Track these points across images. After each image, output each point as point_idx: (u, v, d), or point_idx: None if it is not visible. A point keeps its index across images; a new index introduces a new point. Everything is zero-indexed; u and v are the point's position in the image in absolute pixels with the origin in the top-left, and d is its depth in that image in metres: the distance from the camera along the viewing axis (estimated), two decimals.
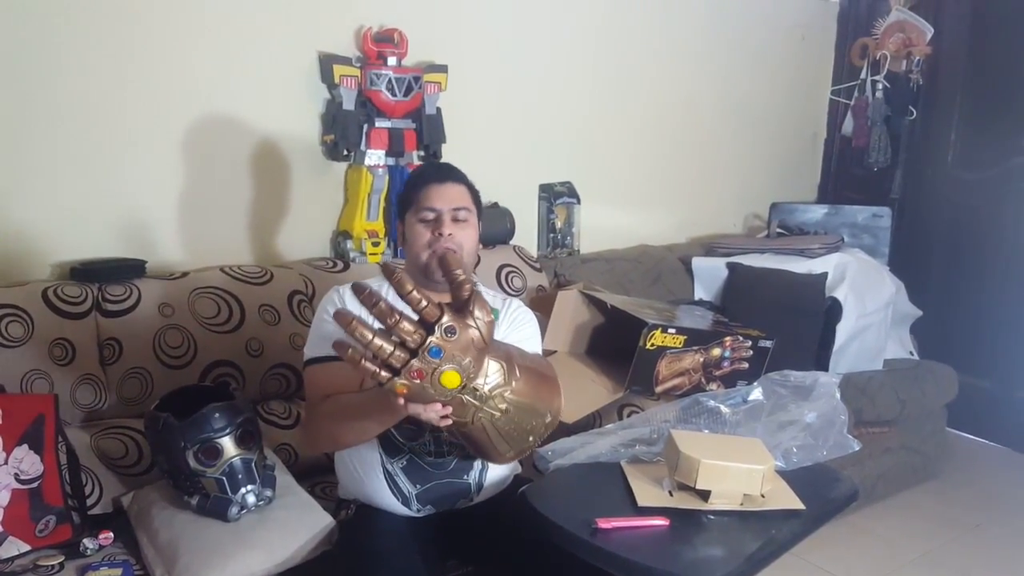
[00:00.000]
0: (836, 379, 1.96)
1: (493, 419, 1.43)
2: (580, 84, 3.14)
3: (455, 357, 1.31)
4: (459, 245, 1.74)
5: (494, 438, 1.47)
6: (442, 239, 1.73)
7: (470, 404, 1.39)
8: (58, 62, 2.10)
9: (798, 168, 4.05)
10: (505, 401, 1.42)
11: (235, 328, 2.19)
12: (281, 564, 1.72)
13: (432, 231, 1.74)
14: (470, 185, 1.84)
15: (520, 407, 1.45)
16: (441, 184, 1.78)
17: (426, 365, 1.29)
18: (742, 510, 1.61)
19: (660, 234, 3.45)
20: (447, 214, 1.75)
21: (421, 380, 1.30)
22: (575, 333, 2.61)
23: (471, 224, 1.79)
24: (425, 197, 1.76)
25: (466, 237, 1.76)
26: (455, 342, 1.30)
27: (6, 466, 1.75)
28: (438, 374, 1.31)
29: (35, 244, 2.13)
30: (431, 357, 1.29)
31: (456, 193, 1.78)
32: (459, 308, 1.33)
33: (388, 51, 2.50)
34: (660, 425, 1.94)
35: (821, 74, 4.01)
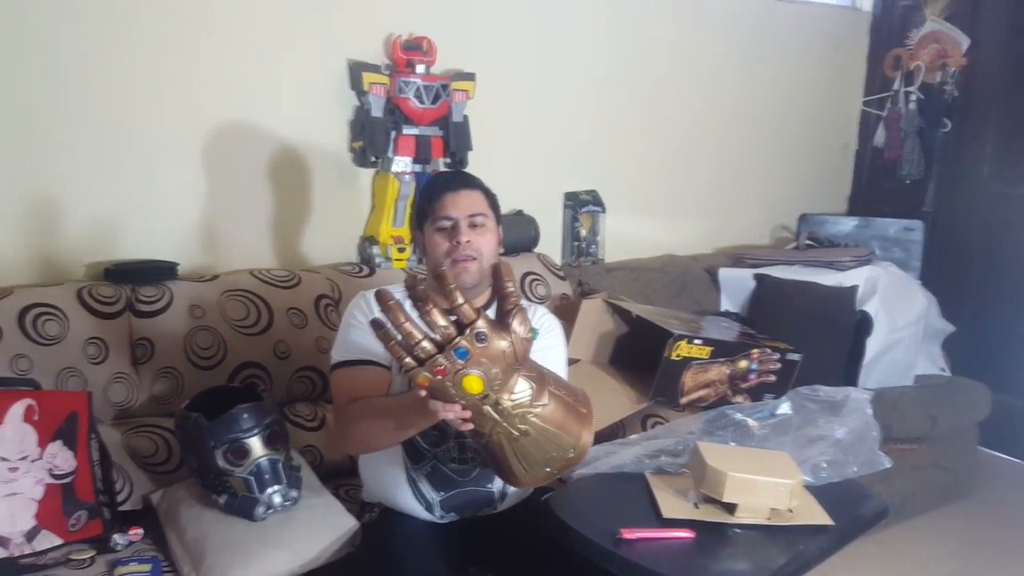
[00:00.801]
0: (868, 395, 1.95)
1: (511, 437, 1.40)
2: (607, 92, 3.14)
3: (482, 364, 1.30)
4: (478, 251, 1.74)
5: (510, 457, 1.45)
6: (460, 247, 1.73)
7: (489, 416, 1.37)
8: (96, 69, 2.14)
9: (828, 179, 4.01)
10: (527, 423, 1.39)
11: (263, 330, 2.21)
12: (305, 564, 1.74)
13: (450, 240, 1.74)
14: (486, 190, 1.83)
15: (542, 433, 1.42)
16: (456, 192, 1.77)
17: (450, 364, 1.29)
18: (769, 524, 1.60)
19: (686, 244, 3.43)
20: (464, 221, 1.74)
21: (443, 377, 1.30)
22: (599, 342, 2.61)
23: (489, 229, 1.78)
24: (440, 206, 1.76)
25: (484, 243, 1.76)
26: (484, 349, 1.30)
27: (41, 461, 1.78)
28: (460, 376, 1.30)
29: (71, 245, 2.17)
30: (456, 357, 1.29)
31: (471, 200, 1.77)
32: (500, 319, 1.33)
33: (417, 59, 2.52)
34: (685, 437, 1.93)
35: (852, 85, 3.97)
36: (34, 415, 1.78)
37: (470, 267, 1.73)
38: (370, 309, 1.76)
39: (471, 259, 1.73)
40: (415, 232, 1.87)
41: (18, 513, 1.73)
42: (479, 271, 1.74)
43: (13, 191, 2.08)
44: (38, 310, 1.96)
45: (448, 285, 1.30)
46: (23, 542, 1.73)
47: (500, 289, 1.35)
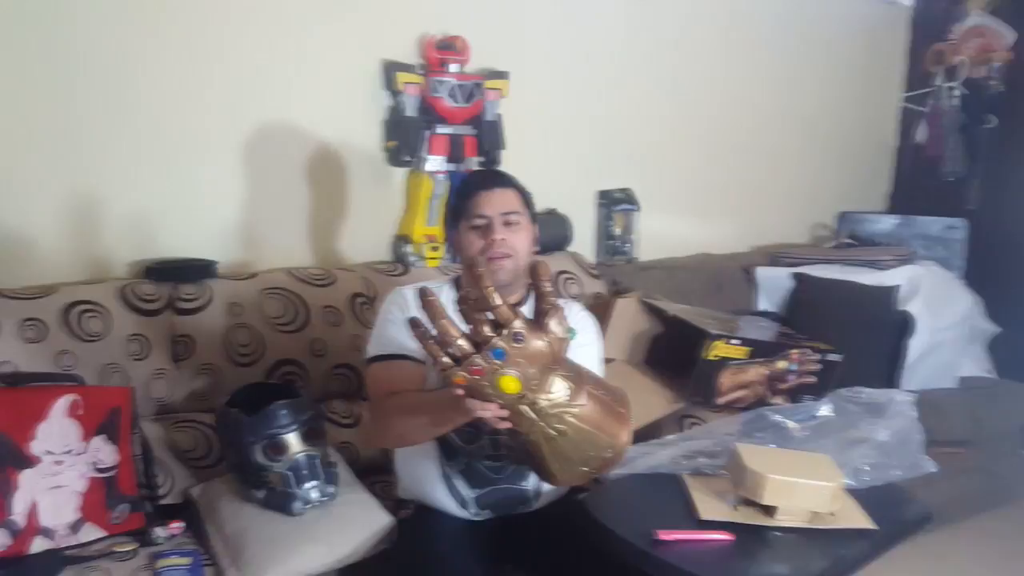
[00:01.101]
0: (912, 397, 1.91)
1: (548, 437, 1.40)
2: (641, 90, 3.12)
3: (519, 364, 1.30)
4: (512, 249, 1.74)
5: (547, 456, 1.44)
6: (494, 245, 1.73)
7: (526, 415, 1.36)
8: (136, 70, 2.16)
9: (867, 177, 3.95)
10: (564, 423, 1.39)
11: (300, 328, 2.23)
12: (342, 559, 1.75)
13: (484, 238, 1.74)
14: (520, 188, 1.83)
15: (580, 433, 1.41)
16: (489, 191, 1.77)
17: (487, 364, 1.29)
18: (809, 528, 1.58)
19: (722, 243, 3.39)
20: (497, 219, 1.74)
21: (480, 377, 1.30)
22: (633, 342, 2.59)
23: (523, 227, 1.78)
24: (475, 205, 1.76)
25: (518, 240, 1.76)
26: (521, 349, 1.29)
27: (84, 455, 1.81)
28: (497, 376, 1.30)
29: (113, 244, 2.20)
30: (493, 357, 1.28)
31: (505, 198, 1.78)
32: (537, 319, 1.33)
33: (450, 58, 2.53)
34: (723, 438, 1.91)
35: (892, 80, 3.91)
36: (78, 410, 1.81)
37: (504, 265, 1.74)
38: (406, 304, 1.77)
39: (505, 257, 1.74)
40: (449, 231, 1.87)
41: (63, 505, 1.76)
42: (513, 269, 1.75)
43: (57, 191, 2.11)
44: (82, 307, 1.99)
45: (486, 286, 1.30)
46: (68, 533, 1.75)
47: (538, 288, 1.34)
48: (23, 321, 1.91)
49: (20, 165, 2.05)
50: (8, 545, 1.68)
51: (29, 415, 1.76)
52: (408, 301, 1.77)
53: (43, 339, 1.92)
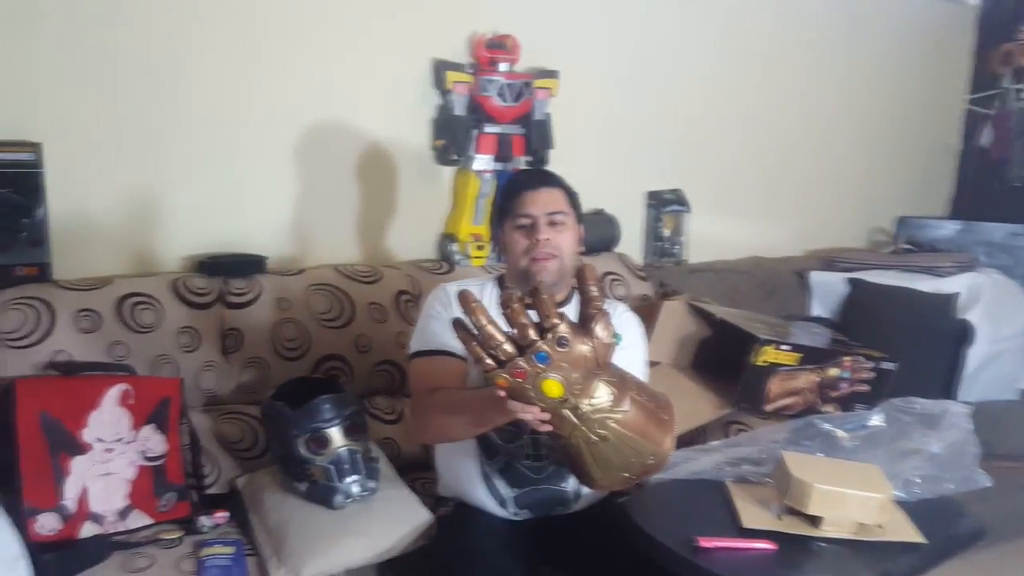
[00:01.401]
0: (967, 409, 1.85)
1: (589, 442, 1.39)
2: (693, 89, 3.08)
3: (563, 368, 1.29)
4: (557, 249, 1.73)
5: (588, 461, 1.43)
6: (539, 245, 1.72)
7: (568, 419, 1.36)
8: (190, 70, 2.21)
9: (928, 181, 3.85)
10: (606, 428, 1.38)
11: (345, 324, 2.25)
12: (381, 554, 1.76)
13: (529, 238, 1.74)
14: (566, 188, 1.82)
15: (622, 439, 1.40)
16: (535, 190, 1.77)
17: (530, 367, 1.28)
18: (856, 539, 1.54)
19: (775, 246, 3.33)
20: (543, 219, 1.74)
21: (522, 380, 1.29)
22: (680, 345, 2.56)
23: (568, 227, 1.77)
24: (520, 204, 1.76)
25: (563, 240, 1.75)
26: (565, 354, 1.29)
27: (134, 443, 1.85)
28: (540, 379, 1.29)
29: (168, 238, 2.25)
30: (537, 361, 1.28)
31: (551, 198, 1.77)
32: (582, 323, 1.32)
33: (500, 57, 2.53)
34: (769, 445, 1.88)
35: (956, 81, 3.80)
36: (129, 399, 1.85)
37: (549, 265, 1.73)
38: (449, 301, 1.77)
39: (550, 257, 1.73)
40: (495, 230, 1.87)
41: (112, 492, 1.80)
42: (558, 269, 1.75)
43: (114, 187, 2.16)
44: (135, 299, 2.04)
45: (541, 297, 1.29)
46: (116, 519, 1.80)
47: (584, 292, 1.33)
48: (78, 312, 1.96)
49: (80, 162, 2.10)
50: (59, 529, 1.73)
51: (82, 404, 1.81)
52: (451, 298, 1.77)
53: (97, 329, 1.97)
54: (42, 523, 1.71)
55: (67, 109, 2.07)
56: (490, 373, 1.30)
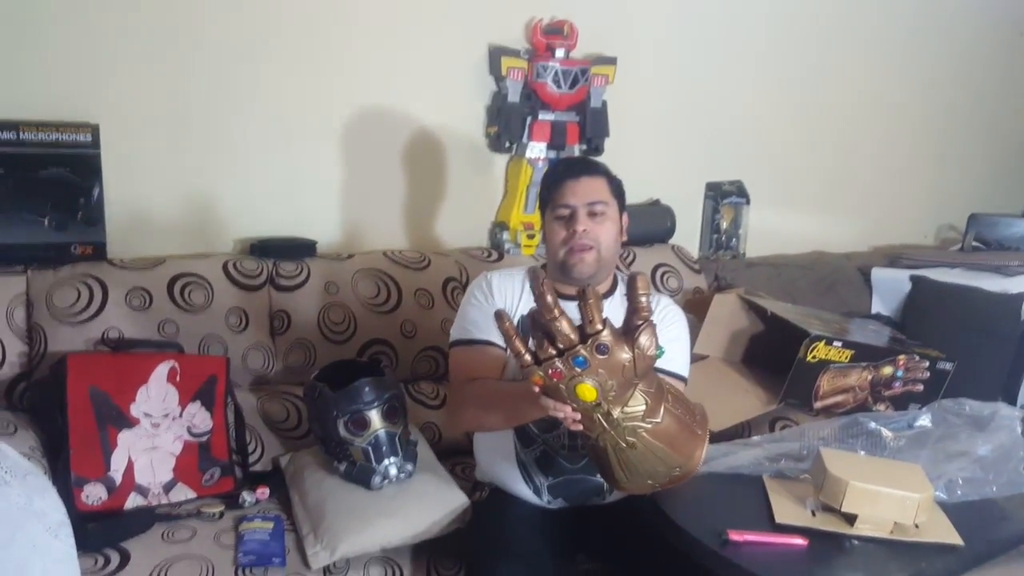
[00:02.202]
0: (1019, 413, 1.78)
1: (617, 447, 1.39)
2: (756, 78, 3.01)
3: (599, 375, 1.29)
4: (595, 240, 1.71)
5: (613, 463, 1.43)
6: (576, 237, 1.71)
7: (598, 423, 1.36)
8: (246, 58, 2.26)
9: (1004, 177, 3.68)
10: (636, 436, 1.37)
11: (392, 309, 2.28)
12: (416, 535, 1.78)
13: (567, 228, 1.72)
14: (610, 176, 1.79)
15: (650, 448, 1.40)
16: (576, 179, 1.74)
17: (567, 369, 1.28)
18: (891, 539, 1.49)
19: (838, 241, 3.24)
20: (582, 210, 1.72)
21: (558, 380, 1.29)
22: (731, 339, 2.52)
23: (609, 217, 1.74)
24: (560, 194, 1.74)
25: (603, 232, 1.73)
26: (604, 360, 1.28)
27: (180, 419, 1.92)
28: (575, 382, 1.29)
29: (221, 220, 2.31)
30: (574, 364, 1.28)
31: (592, 188, 1.74)
32: (626, 332, 1.30)
33: (557, 43, 2.51)
34: (813, 442, 1.83)
35: None
36: (176, 376, 1.92)
37: (586, 257, 1.72)
38: (490, 290, 1.78)
39: (588, 248, 1.72)
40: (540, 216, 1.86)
41: (158, 466, 1.87)
42: (596, 261, 1.73)
43: (169, 169, 2.23)
44: (186, 279, 2.10)
45: (588, 301, 1.28)
46: (160, 492, 1.87)
47: (634, 301, 1.31)
48: (131, 290, 2.03)
49: (137, 144, 2.17)
50: (104, 499, 1.80)
51: (131, 379, 1.88)
52: (492, 287, 1.79)
53: (148, 308, 2.04)
54: (89, 493, 1.79)
55: (125, 91, 2.14)
56: (527, 369, 1.30)
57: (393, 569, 1.77)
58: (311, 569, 1.71)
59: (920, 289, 2.90)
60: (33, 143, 1.97)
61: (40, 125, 1.97)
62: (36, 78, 2.05)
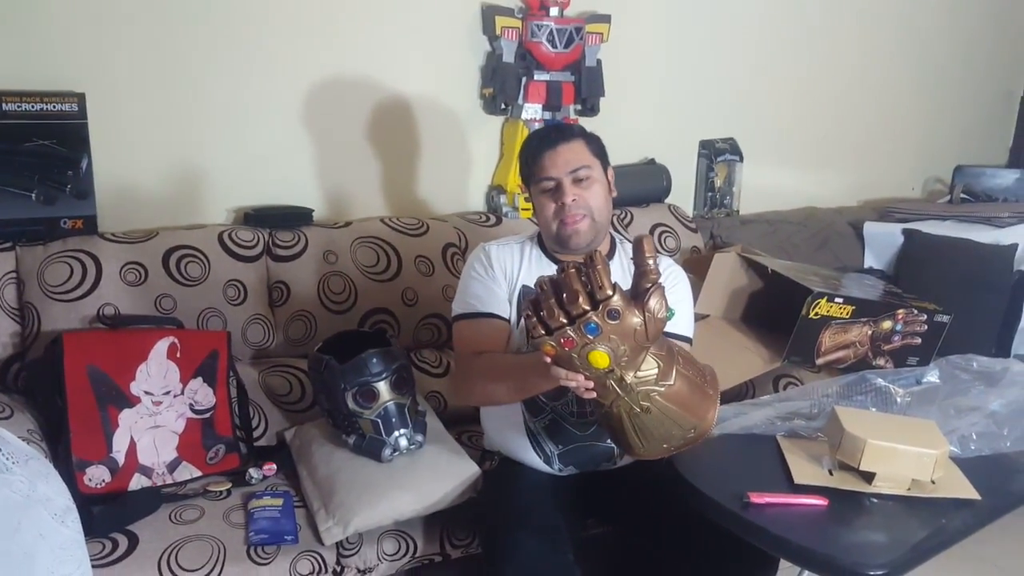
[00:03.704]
0: None
1: (632, 412, 1.38)
2: (747, 35, 2.98)
3: (611, 340, 1.27)
4: (586, 207, 1.69)
5: (628, 430, 1.43)
6: (566, 208, 1.68)
7: (612, 389, 1.35)
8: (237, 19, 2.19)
9: (988, 129, 3.70)
10: (649, 400, 1.37)
11: (392, 277, 2.25)
12: (429, 507, 1.76)
13: (556, 200, 1.70)
14: (587, 136, 1.76)
15: (664, 411, 1.39)
16: (553, 149, 1.70)
17: (579, 337, 1.26)
18: (909, 496, 1.50)
19: (829, 196, 3.26)
20: (566, 179, 1.69)
21: (570, 349, 1.28)
22: (731, 298, 2.51)
23: (595, 179, 1.71)
24: (540, 167, 1.71)
25: (592, 195, 1.70)
26: (615, 326, 1.26)
27: (182, 396, 1.87)
28: (587, 350, 1.27)
29: (214, 189, 2.26)
30: (586, 332, 1.26)
31: (571, 154, 1.71)
32: (635, 295, 1.29)
33: (551, 1, 2.45)
34: (820, 400, 1.83)
35: (1020, 26, 3.62)
36: (177, 352, 1.87)
37: (580, 227, 1.70)
38: (489, 262, 1.76)
39: (581, 217, 1.70)
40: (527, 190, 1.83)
41: (161, 445, 1.83)
42: (591, 227, 1.71)
43: (159, 138, 2.17)
44: (182, 252, 2.05)
45: (596, 267, 1.25)
46: (165, 472, 1.83)
47: (640, 265, 1.30)
48: (125, 265, 1.98)
49: (125, 113, 2.11)
50: (107, 481, 1.76)
51: (130, 357, 1.83)
52: (491, 258, 1.77)
53: (143, 282, 1.98)
54: (91, 476, 1.75)
55: (110, 59, 2.07)
56: (537, 339, 1.28)
57: (407, 541, 1.76)
58: (324, 545, 1.69)
59: (913, 242, 2.91)
60: (16, 114, 1.89)
61: (23, 95, 1.90)
62: (18, 47, 1.98)
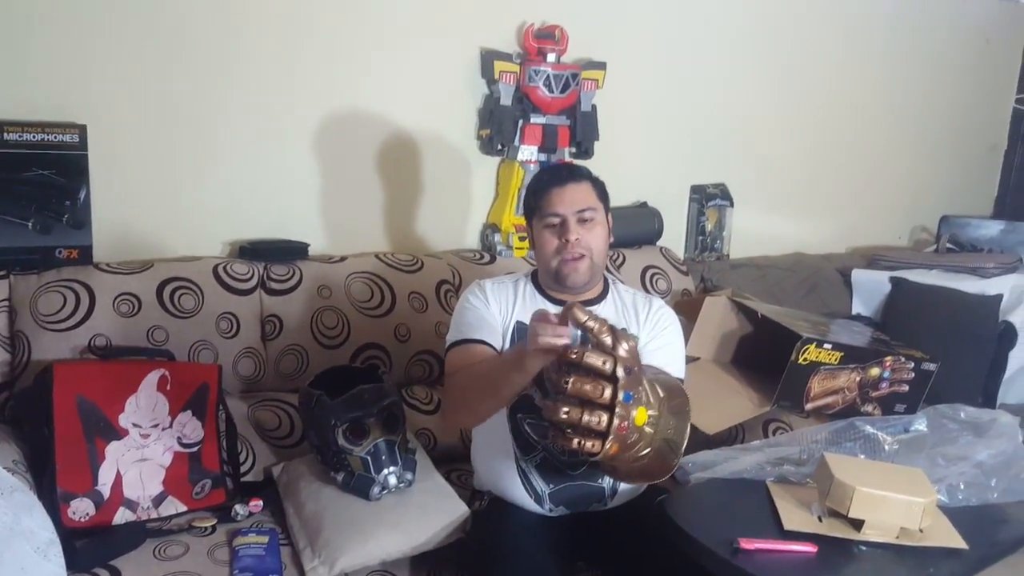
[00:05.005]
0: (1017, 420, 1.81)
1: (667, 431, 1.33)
2: (741, 84, 3.04)
3: (638, 392, 1.25)
4: (587, 248, 1.72)
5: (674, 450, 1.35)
6: (569, 246, 1.70)
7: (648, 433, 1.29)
8: (238, 56, 2.21)
9: (973, 180, 3.77)
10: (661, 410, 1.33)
11: (386, 313, 2.25)
12: (417, 547, 1.74)
13: (559, 237, 1.72)
14: (594, 180, 1.79)
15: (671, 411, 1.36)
16: (562, 187, 1.74)
17: (624, 412, 1.22)
18: (897, 544, 1.51)
19: (818, 242, 3.29)
20: (572, 218, 1.71)
21: (626, 433, 1.23)
22: (721, 341, 2.53)
23: (598, 222, 1.75)
24: (548, 202, 1.74)
25: (594, 237, 1.73)
26: (631, 379, 1.23)
27: (170, 429, 1.86)
28: (633, 417, 1.24)
29: (211, 222, 2.26)
30: (626, 402, 1.22)
31: (579, 194, 1.74)
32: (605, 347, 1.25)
33: (548, 47, 2.50)
34: (810, 446, 1.85)
35: (1005, 81, 3.71)
36: (167, 385, 1.86)
37: (579, 266, 1.73)
38: (485, 296, 1.78)
39: (581, 257, 1.72)
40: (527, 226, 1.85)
41: (147, 478, 1.81)
42: (589, 268, 1.74)
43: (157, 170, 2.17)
44: (176, 284, 2.05)
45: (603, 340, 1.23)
46: (150, 506, 1.80)
47: (584, 329, 1.26)
48: (119, 295, 1.97)
49: (125, 145, 2.12)
50: (91, 515, 1.74)
51: (120, 388, 1.82)
52: (487, 293, 1.79)
53: (136, 314, 1.98)
54: (75, 508, 1.72)
55: (113, 92, 2.08)
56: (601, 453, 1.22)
57: None
58: None
59: (900, 291, 2.94)
60: (17, 143, 1.90)
61: (25, 125, 1.91)
62: (23, 77, 1.99)
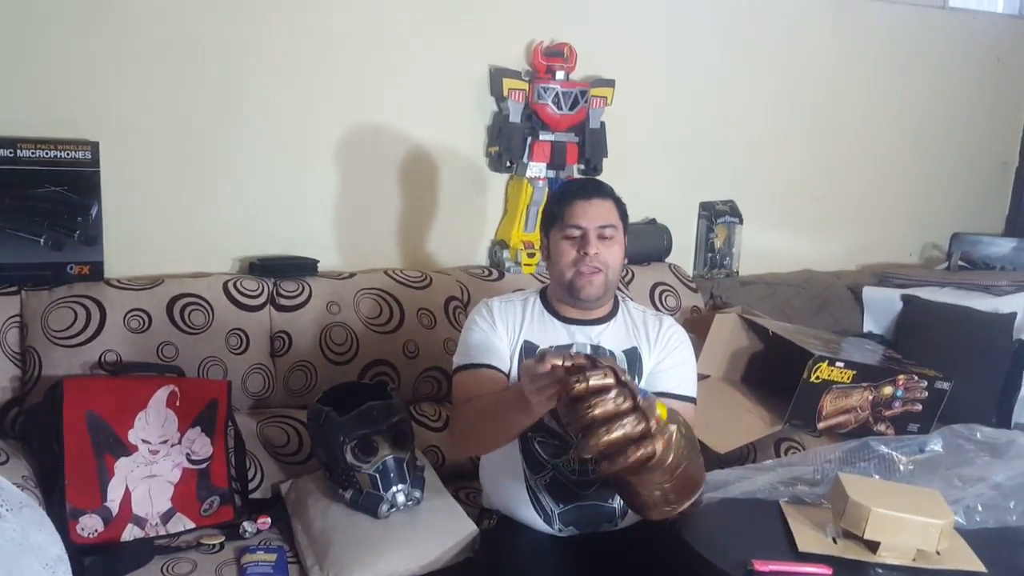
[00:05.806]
0: None
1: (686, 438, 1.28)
2: (750, 101, 3.03)
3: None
4: (604, 264, 1.71)
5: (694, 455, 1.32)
6: (587, 259, 1.70)
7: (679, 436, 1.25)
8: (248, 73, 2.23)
9: (985, 198, 3.75)
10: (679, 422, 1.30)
11: (394, 329, 2.24)
12: (425, 566, 1.73)
13: (578, 249, 1.71)
14: (617, 199, 1.79)
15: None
16: (587, 200, 1.74)
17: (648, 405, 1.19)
18: (914, 566, 1.48)
19: (828, 259, 3.27)
20: (593, 232, 1.71)
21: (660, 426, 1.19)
22: (731, 359, 2.51)
23: (617, 241, 1.75)
24: (570, 214, 1.73)
25: (611, 255, 1.73)
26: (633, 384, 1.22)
27: (179, 445, 1.85)
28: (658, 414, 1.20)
29: (222, 238, 2.27)
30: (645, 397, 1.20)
31: (602, 210, 1.74)
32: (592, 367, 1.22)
33: (557, 65, 2.51)
34: (823, 465, 1.82)
35: (1016, 98, 3.69)
36: (176, 401, 1.86)
37: (595, 280, 1.72)
38: (492, 316, 1.77)
39: (597, 271, 1.72)
40: (543, 236, 1.84)
41: (156, 495, 1.80)
42: (604, 283, 1.73)
43: (168, 187, 2.18)
44: (186, 300, 2.05)
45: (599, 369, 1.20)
46: (158, 523, 1.80)
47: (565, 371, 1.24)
48: (130, 311, 1.97)
49: (136, 162, 2.13)
50: (100, 531, 1.73)
51: (129, 404, 1.81)
52: (494, 313, 1.78)
53: (146, 330, 1.98)
54: (84, 525, 1.72)
55: (125, 109, 2.10)
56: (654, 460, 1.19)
57: None
58: None
59: (912, 308, 2.92)
60: (30, 160, 1.91)
61: (38, 142, 1.92)
62: (36, 95, 2.01)
